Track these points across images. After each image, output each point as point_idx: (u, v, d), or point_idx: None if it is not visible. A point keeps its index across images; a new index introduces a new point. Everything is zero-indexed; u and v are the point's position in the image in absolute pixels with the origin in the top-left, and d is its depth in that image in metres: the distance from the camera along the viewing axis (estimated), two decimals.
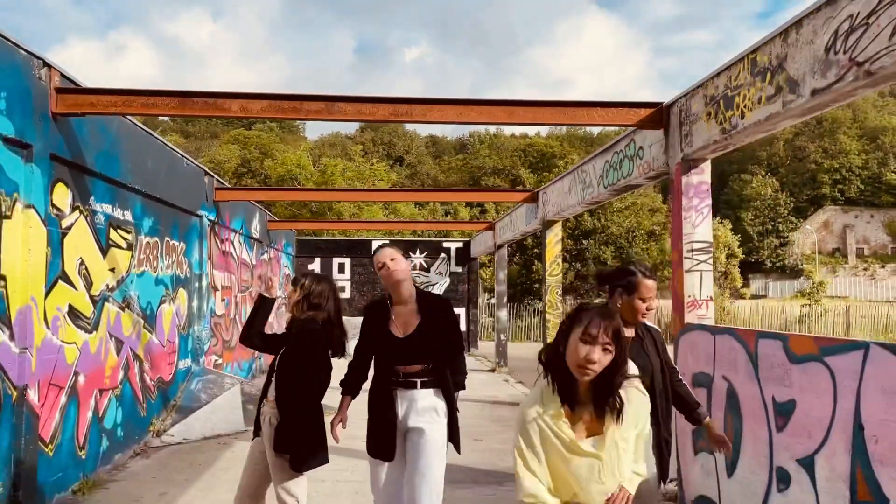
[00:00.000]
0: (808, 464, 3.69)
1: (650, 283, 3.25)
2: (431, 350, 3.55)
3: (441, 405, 3.59)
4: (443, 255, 18.47)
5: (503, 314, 15.41)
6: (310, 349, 3.55)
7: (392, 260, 3.56)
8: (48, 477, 5.18)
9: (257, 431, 3.71)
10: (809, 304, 30.49)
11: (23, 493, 4.74)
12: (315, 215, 28.22)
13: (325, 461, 3.64)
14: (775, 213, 55.69)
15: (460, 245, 18.71)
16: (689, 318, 5.27)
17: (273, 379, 3.65)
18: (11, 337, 4.76)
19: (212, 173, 9.92)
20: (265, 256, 14.19)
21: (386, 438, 3.53)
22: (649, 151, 6.07)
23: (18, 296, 4.84)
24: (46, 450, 5.20)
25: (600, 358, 2.26)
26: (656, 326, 3.52)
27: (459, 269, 18.51)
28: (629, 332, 3.27)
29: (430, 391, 3.56)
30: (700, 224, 5.39)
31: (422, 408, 3.53)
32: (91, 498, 5.57)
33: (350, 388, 3.77)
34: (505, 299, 15.47)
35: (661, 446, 3.30)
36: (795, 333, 4.00)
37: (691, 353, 5.06)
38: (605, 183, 7.33)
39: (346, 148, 52.65)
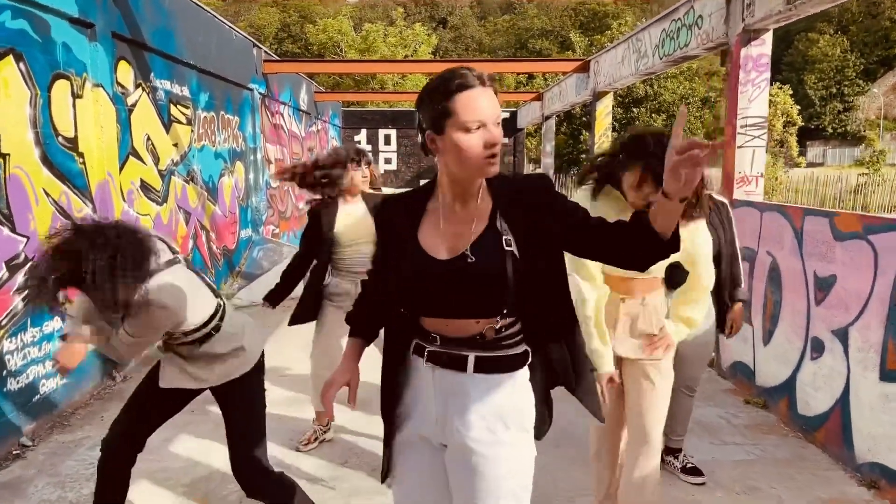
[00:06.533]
0: (842, 334, 3.89)
1: None
2: (504, 289, 1.60)
3: (519, 411, 1.72)
4: None
5: None
6: None
7: (498, 122, 1.57)
8: None
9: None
10: (867, 174, 29.44)
11: None
12: (358, 83, 27.87)
13: None
14: (842, 75, 52.21)
15: (506, 115, 18.32)
16: (738, 194, 5.32)
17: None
18: (94, 210, 5.15)
19: (260, 45, 9.91)
20: (313, 128, 14.33)
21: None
22: (709, 20, 5.85)
23: (96, 171, 5.18)
24: None
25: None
26: (725, 200, 3.63)
27: (505, 140, 18.23)
28: None
29: (497, 380, 1.69)
30: (756, 99, 5.29)
31: (476, 412, 1.68)
32: None
33: (361, 326, 1.90)
34: (551, 172, 15.45)
35: (722, 309, 3.57)
36: (842, 211, 4.06)
37: (737, 229, 5.15)
38: (661, 53, 7.12)
39: (387, 10, 50.69)
